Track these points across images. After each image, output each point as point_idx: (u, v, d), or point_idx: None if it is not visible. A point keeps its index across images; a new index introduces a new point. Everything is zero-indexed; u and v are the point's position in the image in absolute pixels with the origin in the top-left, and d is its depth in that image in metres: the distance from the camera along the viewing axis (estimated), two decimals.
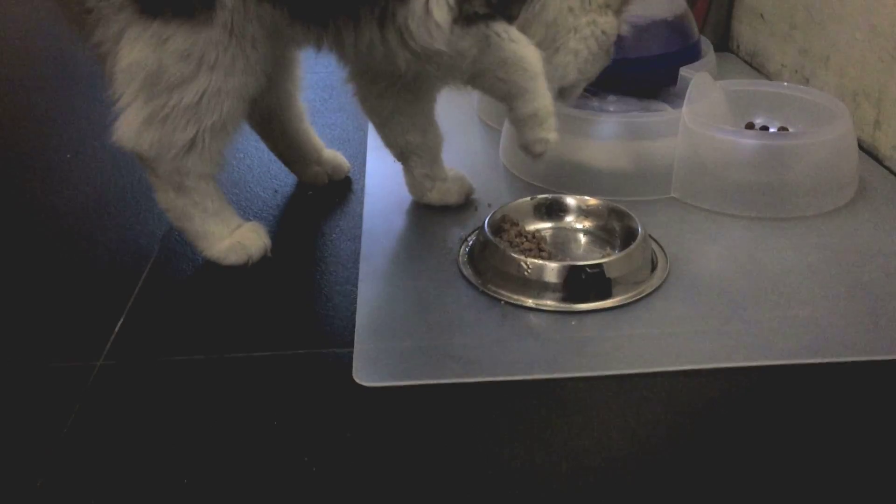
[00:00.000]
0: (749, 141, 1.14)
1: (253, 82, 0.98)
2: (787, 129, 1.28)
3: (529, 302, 0.94)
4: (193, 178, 1.00)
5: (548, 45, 1.04)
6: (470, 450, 0.76)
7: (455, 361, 0.86)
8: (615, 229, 1.06)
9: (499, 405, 0.81)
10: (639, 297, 0.96)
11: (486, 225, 1.03)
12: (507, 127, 1.31)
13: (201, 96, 0.93)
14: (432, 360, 0.87)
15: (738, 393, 0.82)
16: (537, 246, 1.02)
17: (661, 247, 1.05)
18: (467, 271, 1.01)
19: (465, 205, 1.18)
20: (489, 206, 1.17)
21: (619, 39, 1.36)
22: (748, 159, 1.14)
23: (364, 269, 1.04)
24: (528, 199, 1.11)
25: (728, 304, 0.95)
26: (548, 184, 1.22)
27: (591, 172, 1.20)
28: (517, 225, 1.06)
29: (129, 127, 0.95)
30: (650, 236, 1.05)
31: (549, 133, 1.03)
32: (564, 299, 0.94)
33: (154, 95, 0.93)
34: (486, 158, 1.33)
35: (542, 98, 1.02)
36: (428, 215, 1.17)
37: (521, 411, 0.80)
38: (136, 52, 0.91)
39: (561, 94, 1.10)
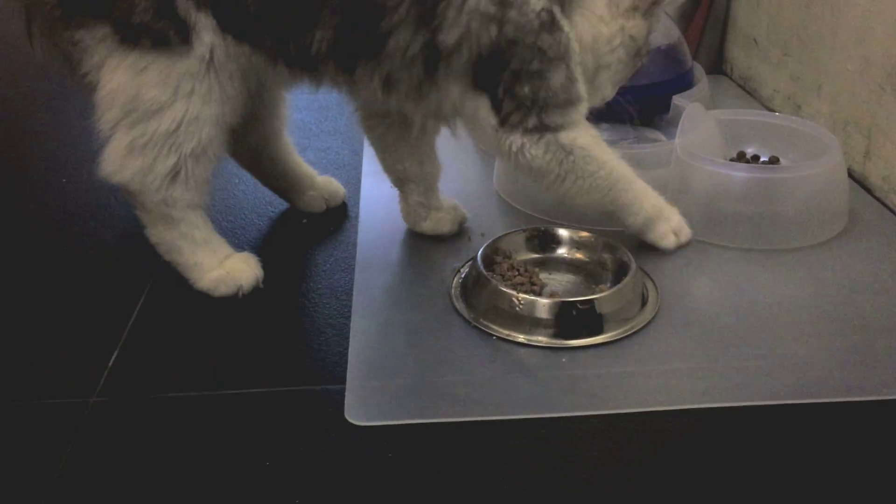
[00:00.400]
0: (739, 174, 1.15)
1: (230, 111, 0.99)
2: (777, 159, 1.29)
3: (521, 338, 0.95)
4: (181, 209, 1.01)
5: (592, 69, 1.04)
6: (463, 490, 0.77)
7: (447, 400, 0.87)
8: (607, 262, 1.07)
9: (491, 444, 0.82)
10: (629, 332, 0.97)
11: (478, 257, 1.04)
12: None
13: (179, 123, 0.95)
14: (424, 398, 0.87)
15: (727, 433, 0.83)
16: (529, 279, 1.02)
17: (652, 280, 1.06)
18: (460, 305, 1.01)
19: (459, 233, 1.19)
20: (482, 235, 1.18)
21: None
22: (739, 191, 1.15)
23: (357, 301, 1.04)
24: (521, 230, 1.12)
25: (717, 341, 0.95)
26: (541, 213, 1.23)
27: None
28: (509, 258, 1.07)
29: (113, 158, 0.98)
30: (641, 269, 1.05)
31: (671, 224, 1.09)
32: (556, 335, 0.95)
33: (133, 123, 0.96)
34: (480, 186, 1.33)
35: (647, 201, 1.06)
36: (421, 244, 1.17)
37: (513, 450, 0.81)
38: (116, 80, 0.94)
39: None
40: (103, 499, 0.77)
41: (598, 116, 1.38)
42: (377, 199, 1.30)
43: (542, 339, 0.95)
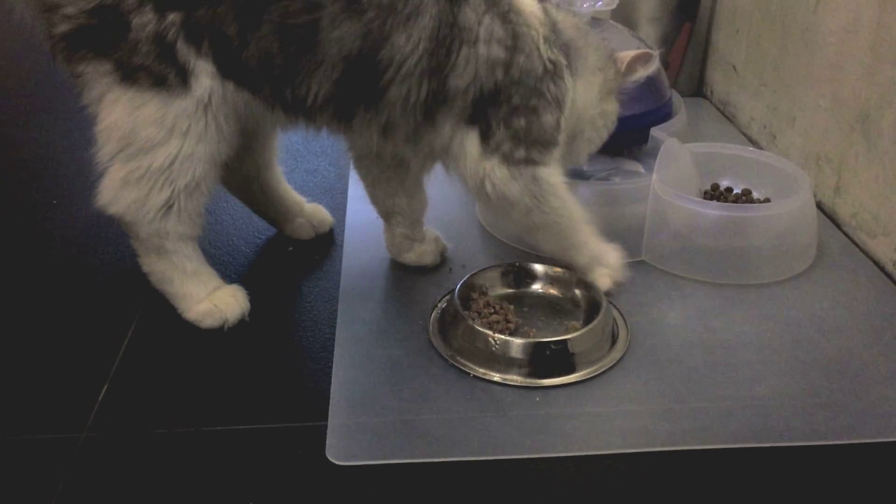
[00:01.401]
0: (712, 212, 1.19)
1: (225, 149, 1.02)
2: (750, 192, 1.33)
3: (496, 377, 0.99)
4: (173, 241, 1.04)
5: (572, 133, 1.11)
6: None
7: (425, 440, 0.91)
8: (579, 299, 1.11)
9: (467, 485, 0.85)
10: (600, 371, 1.01)
11: (455, 295, 1.07)
12: None
13: (173, 160, 0.98)
14: (403, 438, 0.91)
15: (692, 475, 0.87)
16: (504, 317, 1.06)
17: (622, 316, 1.10)
18: (437, 341, 1.05)
19: (441, 264, 1.22)
20: (464, 266, 1.21)
21: None
22: (711, 228, 1.19)
23: (340, 334, 1.07)
24: (497, 266, 1.15)
25: (684, 381, 0.99)
26: (523, 245, 1.26)
27: None
28: (485, 294, 1.10)
29: (109, 190, 1.01)
30: (613, 305, 1.09)
31: (609, 268, 1.11)
32: (530, 374, 0.99)
33: (129, 157, 0.99)
34: (462, 215, 1.36)
35: (592, 243, 1.11)
36: (404, 274, 1.21)
37: (489, 491, 0.85)
38: (114, 114, 0.97)
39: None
40: None
41: None
42: (362, 225, 1.33)
43: (516, 379, 0.98)
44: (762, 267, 1.19)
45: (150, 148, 0.98)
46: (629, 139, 1.42)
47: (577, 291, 1.11)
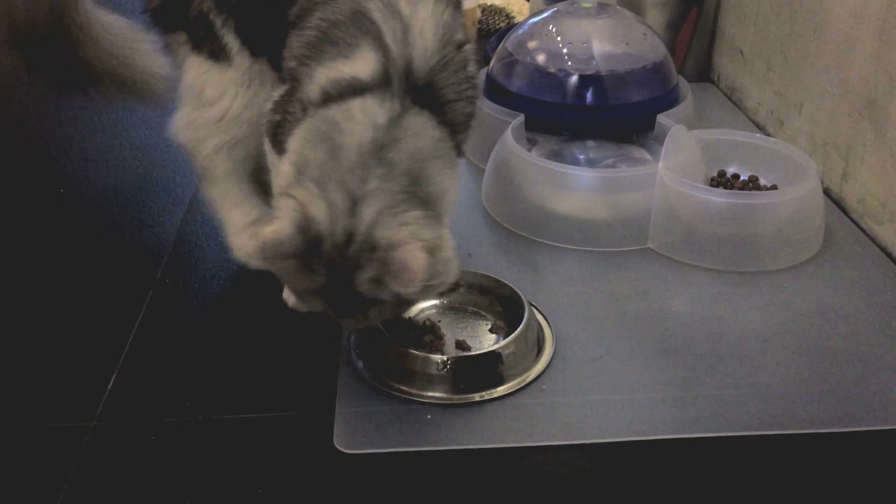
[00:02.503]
0: (719, 199, 1.19)
1: None
2: (756, 178, 1.33)
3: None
4: (220, 174, 1.17)
5: None
6: None
7: (431, 428, 0.91)
8: (501, 305, 1.08)
9: (472, 473, 0.86)
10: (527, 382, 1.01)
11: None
12: (489, 169, 1.35)
13: (223, 117, 1.13)
14: (410, 426, 0.92)
15: (699, 463, 0.87)
16: (433, 333, 1.02)
17: (546, 319, 1.07)
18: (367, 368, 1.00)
19: None
20: (469, 255, 1.21)
21: (601, 84, 1.41)
22: (718, 215, 1.18)
23: None
24: None
25: (691, 369, 0.99)
26: (528, 232, 1.26)
27: (570, 222, 1.24)
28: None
29: (178, 126, 1.16)
30: (534, 306, 1.07)
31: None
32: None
33: (195, 108, 1.15)
34: (467, 200, 1.35)
35: None
36: None
37: (495, 480, 0.85)
38: (189, 76, 1.13)
39: None
40: None
41: (585, 134, 1.43)
42: None
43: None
44: (769, 254, 1.19)
45: (208, 104, 1.13)
46: (635, 126, 1.42)
47: (497, 300, 1.08)
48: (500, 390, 0.95)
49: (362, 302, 0.85)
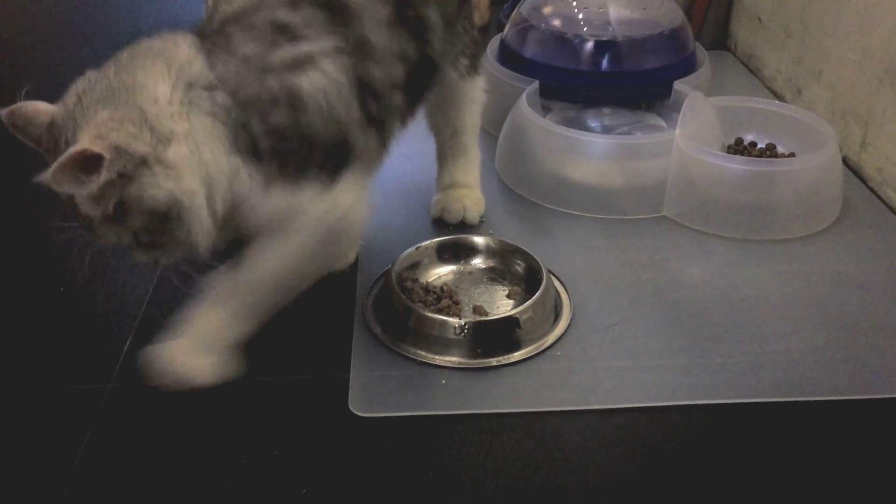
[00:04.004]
0: (736, 166, 1.18)
1: None
2: (774, 146, 1.32)
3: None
4: None
5: None
6: (462, 479, 0.81)
7: (445, 391, 0.92)
8: (519, 271, 1.07)
9: (486, 437, 0.86)
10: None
11: (394, 281, 1.01)
12: (503, 136, 1.34)
13: None
14: (424, 390, 0.92)
15: (712, 430, 0.87)
16: (450, 298, 1.02)
17: (563, 284, 1.07)
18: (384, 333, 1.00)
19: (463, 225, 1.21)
20: (483, 222, 1.21)
21: (617, 50, 1.39)
22: (735, 183, 1.17)
23: (360, 288, 1.08)
24: (429, 242, 1.10)
25: (707, 336, 0.99)
26: (542, 199, 1.26)
27: (585, 190, 1.23)
28: (416, 281, 1.05)
29: None
30: (552, 273, 1.07)
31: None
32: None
33: None
34: (481, 165, 1.34)
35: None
36: (423, 229, 1.20)
37: (509, 443, 0.85)
38: None
39: None
40: (119, 484, 0.82)
41: (600, 101, 1.42)
42: (380, 181, 1.32)
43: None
44: (786, 222, 1.18)
45: None
46: (651, 93, 1.41)
47: (516, 263, 1.08)
48: (517, 355, 0.95)
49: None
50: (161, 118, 0.80)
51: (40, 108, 0.83)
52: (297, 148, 0.85)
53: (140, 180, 0.78)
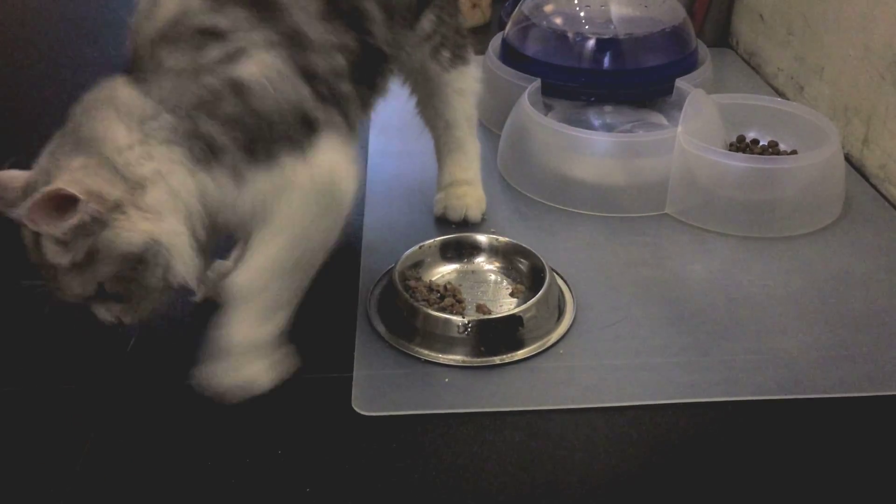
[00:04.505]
0: (738, 164, 1.18)
1: None
2: (776, 143, 1.32)
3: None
4: None
5: None
6: (465, 478, 0.82)
7: (448, 390, 0.92)
8: (522, 269, 1.07)
9: (490, 435, 0.86)
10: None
11: (398, 280, 1.02)
12: (505, 135, 1.34)
13: None
14: (427, 389, 0.92)
15: (715, 428, 0.87)
16: (453, 297, 1.02)
17: (566, 283, 1.07)
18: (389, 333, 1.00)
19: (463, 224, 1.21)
20: (485, 220, 1.21)
21: (619, 48, 1.39)
22: (738, 180, 1.18)
23: (363, 289, 1.08)
24: (432, 241, 1.10)
25: (710, 334, 0.99)
26: (544, 197, 1.26)
27: (587, 188, 1.23)
28: (420, 279, 1.06)
29: None
30: (555, 272, 1.06)
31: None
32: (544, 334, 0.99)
33: None
34: (483, 163, 1.34)
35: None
36: (426, 228, 1.20)
37: (512, 442, 0.86)
38: None
39: None
40: (124, 484, 0.82)
41: (602, 99, 1.42)
42: (383, 179, 1.33)
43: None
44: (788, 219, 1.18)
45: None
46: (653, 90, 1.41)
47: (519, 262, 1.08)
48: (521, 353, 0.96)
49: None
50: (129, 167, 0.79)
51: (14, 175, 0.83)
52: (257, 131, 0.83)
53: (115, 224, 0.78)
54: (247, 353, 0.88)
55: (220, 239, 0.93)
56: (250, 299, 0.87)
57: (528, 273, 1.06)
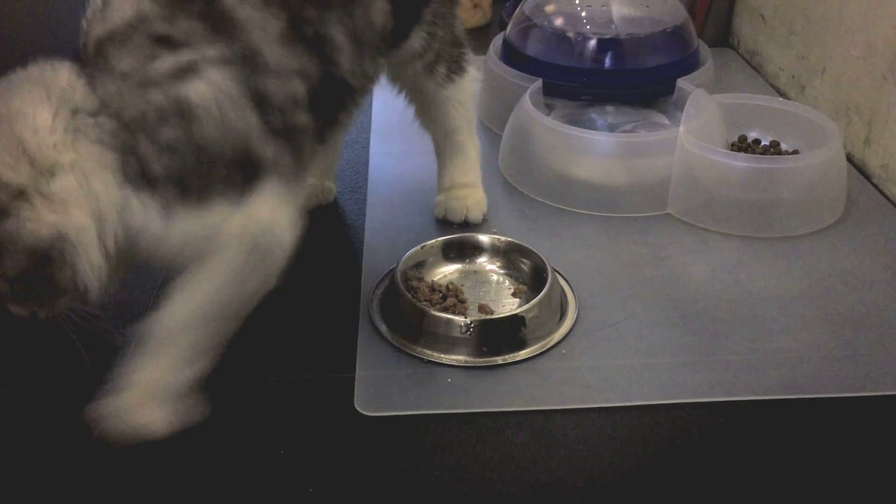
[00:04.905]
0: (740, 164, 1.18)
1: None
2: (778, 143, 1.32)
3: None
4: None
5: None
6: (468, 479, 0.82)
7: (451, 390, 0.92)
8: (524, 269, 1.07)
9: (493, 435, 0.86)
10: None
11: (400, 280, 1.02)
12: (506, 135, 1.34)
13: None
14: (430, 389, 0.92)
15: (715, 428, 0.87)
16: (456, 297, 1.02)
17: (568, 282, 1.07)
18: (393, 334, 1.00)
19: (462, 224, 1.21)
20: (486, 220, 1.21)
21: (620, 48, 1.39)
22: (739, 180, 1.17)
23: (365, 289, 1.08)
24: (434, 241, 1.10)
25: (711, 334, 0.99)
26: (546, 198, 1.26)
27: (588, 188, 1.23)
28: (422, 280, 1.06)
29: None
30: (557, 272, 1.06)
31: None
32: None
33: None
34: (484, 168, 1.34)
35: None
36: (428, 228, 1.20)
37: (516, 442, 0.86)
38: None
39: None
40: (125, 483, 0.82)
41: (604, 99, 1.42)
42: (385, 181, 1.33)
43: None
44: (790, 219, 1.18)
45: None
46: (655, 90, 1.41)
47: (522, 260, 1.08)
48: (523, 354, 0.96)
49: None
50: (42, 148, 0.74)
51: None
52: (195, 166, 0.78)
53: (18, 214, 0.73)
54: (151, 397, 0.83)
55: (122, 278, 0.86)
56: (170, 341, 0.83)
57: (530, 273, 1.06)
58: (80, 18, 0.84)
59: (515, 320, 0.96)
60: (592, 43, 1.40)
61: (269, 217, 0.83)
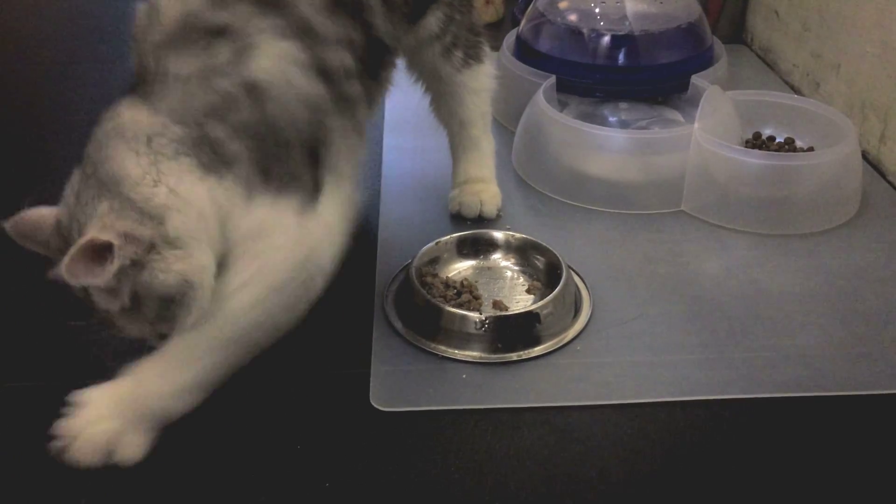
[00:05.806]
0: (754, 161, 1.17)
1: None
2: (793, 140, 1.31)
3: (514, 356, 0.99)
4: None
5: None
6: (482, 474, 0.82)
7: (466, 386, 0.92)
8: (538, 266, 1.08)
9: (507, 431, 0.87)
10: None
11: (414, 276, 1.02)
12: (520, 132, 1.34)
13: None
14: (445, 384, 0.92)
15: (732, 425, 0.87)
16: (470, 293, 1.03)
17: (582, 280, 1.07)
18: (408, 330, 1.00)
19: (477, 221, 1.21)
20: (500, 216, 1.21)
21: (634, 45, 1.39)
22: (754, 177, 1.17)
23: (379, 285, 1.08)
24: (449, 237, 1.10)
25: (727, 331, 0.99)
26: (560, 194, 1.26)
27: (602, 184, 1.23)
28: (436, 276, 1.06)
29: None
30: (571, 269, 1.06)
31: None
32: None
33: None
34: (498, 159, 1.32)
35: None
36: (442, 223, 1.21)
37: (530, 438, 0.86)
38: None
39: None
40: (141, 479, 0.83)
41: (617, 96, 1.42)
42: (399, 176, 1.33)
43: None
44: (805, 217, 1.18)
45: None
46: (669, 87, 1.40)
47: (537, 256, 1.08)
48: (537, 350, 0.96)
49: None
50: (149, 200, 0.77)
51: (44, 214, 0.82)
52: (274, 149, 0.81)
53: (151, 266, 0.77)
54: (138, 420, 0.82)
55: None
56: (185, 363, 0.83)
57: (544, 270, 1.06)
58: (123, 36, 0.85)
59: (530, 317, 0.96)
60: (606, 39, 1.40)
61: (320, 240, 0.85)
